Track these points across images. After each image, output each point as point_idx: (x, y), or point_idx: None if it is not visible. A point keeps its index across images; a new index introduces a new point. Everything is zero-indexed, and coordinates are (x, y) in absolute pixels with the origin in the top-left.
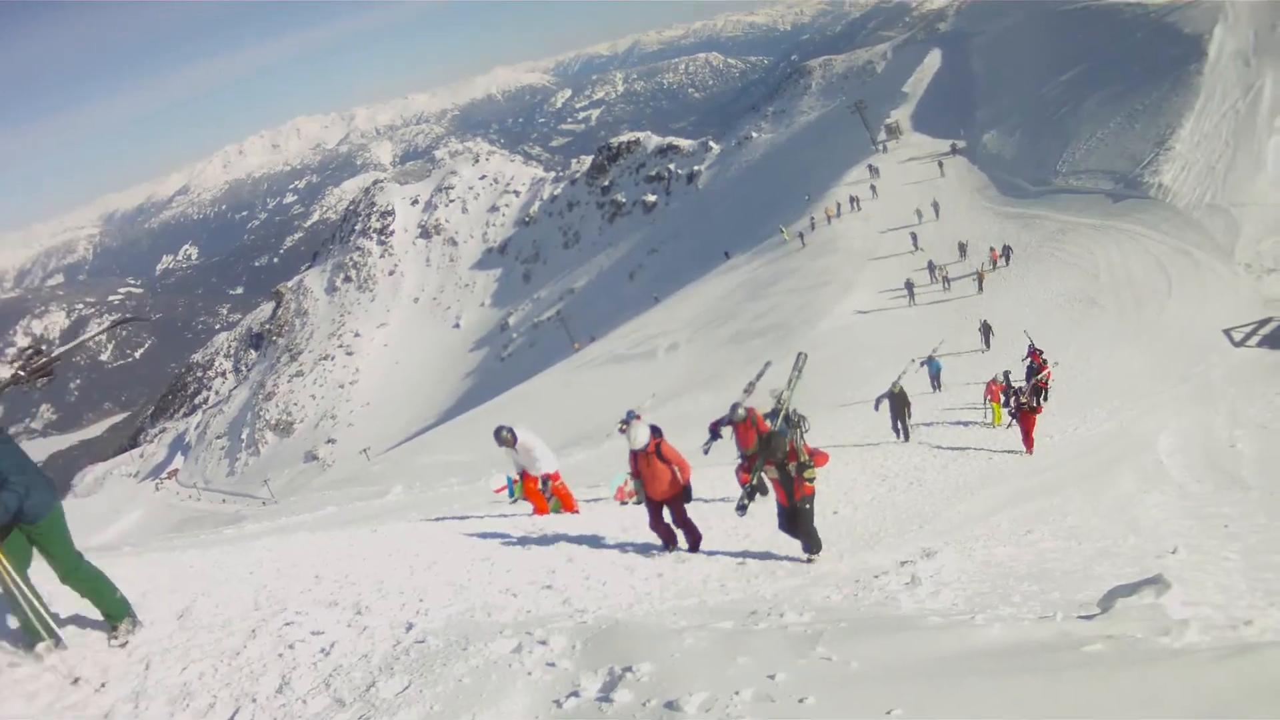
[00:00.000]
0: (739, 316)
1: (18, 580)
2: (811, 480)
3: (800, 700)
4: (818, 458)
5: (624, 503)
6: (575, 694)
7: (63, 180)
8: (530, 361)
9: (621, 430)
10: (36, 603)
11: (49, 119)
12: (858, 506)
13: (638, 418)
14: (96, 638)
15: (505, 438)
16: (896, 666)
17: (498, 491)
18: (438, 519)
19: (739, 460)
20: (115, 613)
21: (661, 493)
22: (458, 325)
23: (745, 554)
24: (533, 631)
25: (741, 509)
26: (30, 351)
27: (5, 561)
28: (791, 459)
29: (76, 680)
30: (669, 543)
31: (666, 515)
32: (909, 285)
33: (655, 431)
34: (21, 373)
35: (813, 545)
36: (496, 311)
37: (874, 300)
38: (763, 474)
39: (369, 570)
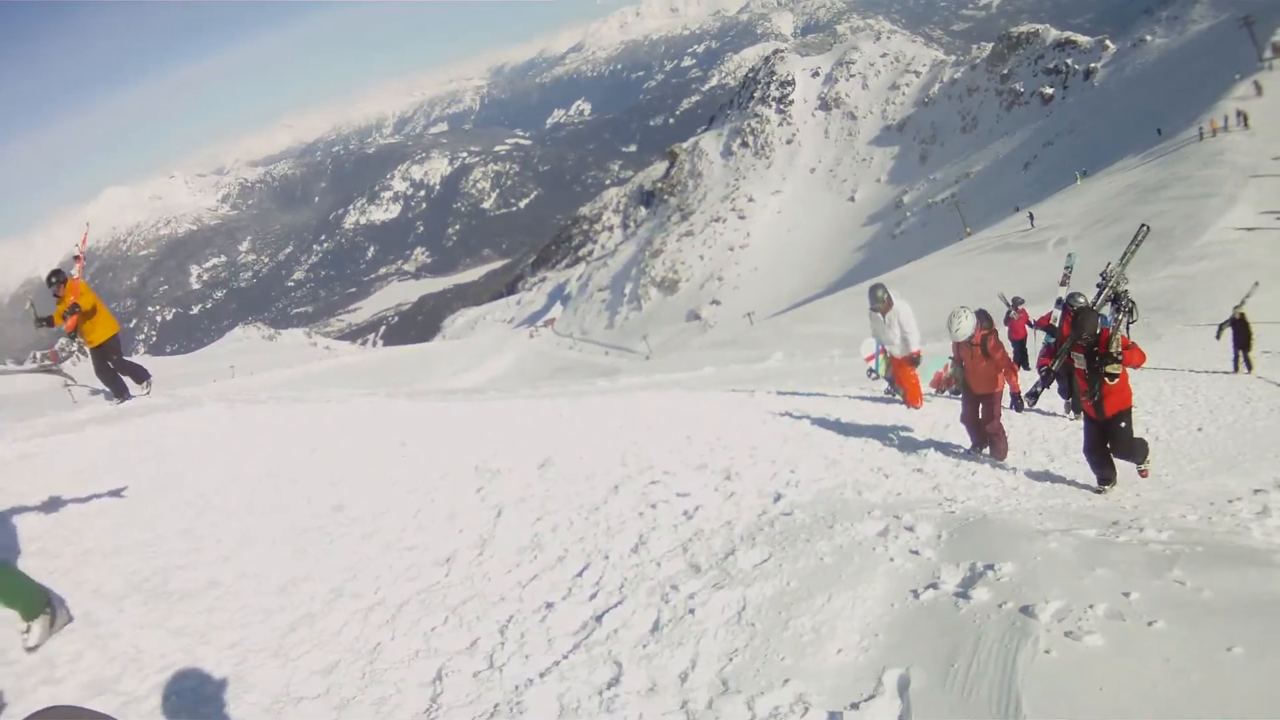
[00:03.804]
0: (1125, 219)
1: None
2: (1112, 379)
3: (1149, 624)
4: (1130, 354)
5: (935, 391)
6: (934, 586)
7: (450, 33)
8: (921, 241)
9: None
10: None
11: None
12: (1220, 426)
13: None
14: None
15: (880, 298)
16: (1244, 601)
17: (867, 360)
18: (813, 393)
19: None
20: (25, 609)
21: (980, 385)
22: (852, 199)
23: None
24: (900, 516)
25: (1032, 396)
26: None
27: None
28: (1101, 347)
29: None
30: (978, 444)
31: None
32: None
33: (984, 322)
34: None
35: (1138, 455)
36: (892, 188)
37: (1254, 219)
38: (1070, 356)
39: (742, 435)
